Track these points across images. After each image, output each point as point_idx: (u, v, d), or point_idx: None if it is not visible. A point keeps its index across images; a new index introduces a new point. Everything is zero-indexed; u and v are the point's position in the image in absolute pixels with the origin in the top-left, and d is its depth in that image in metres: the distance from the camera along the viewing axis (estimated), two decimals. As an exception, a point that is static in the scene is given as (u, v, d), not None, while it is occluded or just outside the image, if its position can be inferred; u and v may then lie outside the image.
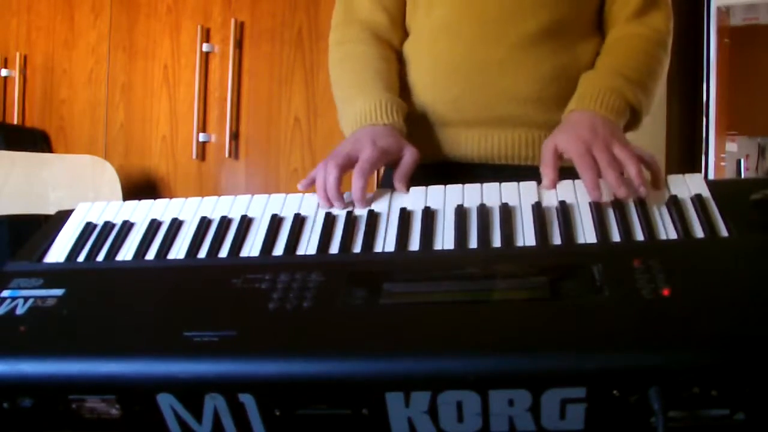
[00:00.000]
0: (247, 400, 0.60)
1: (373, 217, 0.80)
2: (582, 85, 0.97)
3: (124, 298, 0.72)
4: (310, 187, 0.86)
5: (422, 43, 1.08)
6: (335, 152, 0.90)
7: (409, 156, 0.91)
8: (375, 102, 0.97)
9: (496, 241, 0.74)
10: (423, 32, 1.08)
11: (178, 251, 0.79)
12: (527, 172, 0.88)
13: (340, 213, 0.82)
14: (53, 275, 0.75)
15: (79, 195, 2.17)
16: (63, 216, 0.88)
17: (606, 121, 0.90)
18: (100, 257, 0.80)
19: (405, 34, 1.12)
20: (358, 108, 0.98)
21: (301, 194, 0.86)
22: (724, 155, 2.14)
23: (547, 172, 0.84)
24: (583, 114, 0.91)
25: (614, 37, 1.05)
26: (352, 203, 0.83)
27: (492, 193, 0.82)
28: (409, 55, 1.10)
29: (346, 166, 0.87)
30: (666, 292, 0.62)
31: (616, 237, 0.73)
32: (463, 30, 1.03)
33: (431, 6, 1.06)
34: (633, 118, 0.98)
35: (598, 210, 0.76)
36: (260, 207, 0.85)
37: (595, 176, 0.79)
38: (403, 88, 1.08)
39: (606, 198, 0.78)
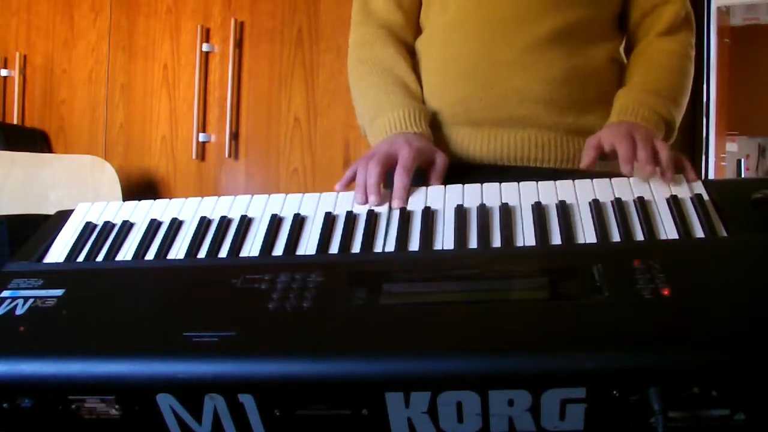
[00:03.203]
0: (246, 400, 0.60)
1: (372, 217, 0.80)
2: (619, 102, 1.01)
3: (124, 298, 0.72)
4: (349, 185, 0.88)
5: (434, 42, 1.08)
6: (373, 152, 0.92)
7: (442, 159, 0.96)
8: (403, 112, 1.00)
9: (496, 241, 0.74)
10: (436, 31, 1.08)
11: (178, 251, 0.79)
12: (533, 174, 0.88)
13: (340, 213, 0.82)
14: (53, 275, 0.75)
15: (79, 195, 2.16)
16: (63, 216, 0.88)
17: (646, 128, 0.95)
18: (100, 257, 0.80)
19: (419, 31, 1.13)
20: (387, 117, 1.00)
21: (300, 194, 0.86)
22: (724, 155, 2.14)
23: (587, 151, 0.93)
24: (623, 122, 0.96)
25: (645, 51, 1.08)
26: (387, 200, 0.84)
27: (492, 193, 0.82)
28: (421, 52, 1.11)
29: (387, 164, 0.90)
30: (666, 292, 0.62)
31: (616, 237, 0.73)
32: (474, 30, 1.03)
33: (445, 5, 1.06)
34: (667, 133, 1.02)
35: (598, 210, 0.76)
36: (260, 207, 0.85)
37: (631, 151, 0.85)
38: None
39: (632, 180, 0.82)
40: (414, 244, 0.76)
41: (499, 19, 1.02)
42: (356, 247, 0.76)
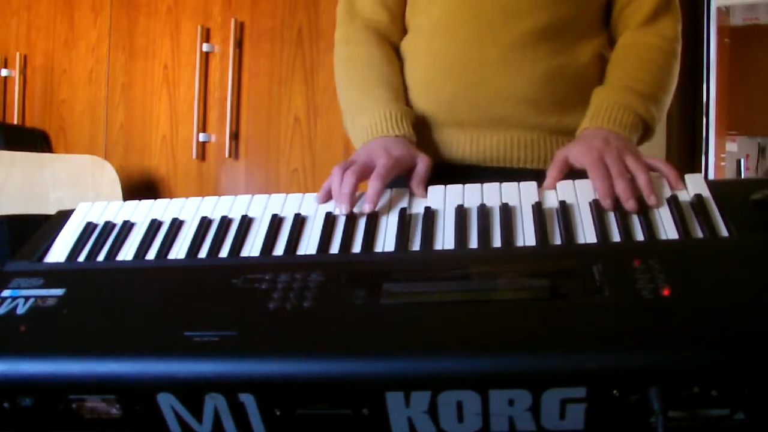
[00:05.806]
0: (247, 400, 0.60)
1: (373, 217, 0.80)
2: (594, 102, 0.97)
3: (124, 298, 0.72)
4: (328, 197, 0.85)
5: (419, 43, 1.08)
6: (350, 161, 0.89)
7: (423, 164, 0.91)
8: (384, 113, 0.97)
9: (496, 241, 0.74)
10: (421, 31, 1.08)
11: (179, 251, 0.79)
12: (521, 175, 0.88)
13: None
14: (53, 275, 0.75)
15: (79, 195, 2.17)
16: (63, 216, 0.88)
17: (619, 135, 0.91)
18: (101, 257, 0.80)
19: (405, 30, 1.12)
20: (368, 120, 0.98)
21: (301, 194, 0.86)
22: (724, 155, 2.14)
23: (551, 172, 0.86)
24: (596, 130, 0.93)
25: (625, 45, 1.05)
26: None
27: (492, 193, 0.82)
28: (406, 53, 1.10)
29: (363, 174, 0.87)
30: (666, 292, 0.62)
31: (616, 237, 0.73)
32: (459, 29, 1.02)
33: (430, 5, 1.06)
34: (645, 132, 0.98)
35: (598, 210, 0.76)
36: (260, 207, 0.85)
37: (609, 185, 0.79)
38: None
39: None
40: (414, 244, 0.76)
41: (485, 17, 1.01)
42: (357, 247, 0.76)
